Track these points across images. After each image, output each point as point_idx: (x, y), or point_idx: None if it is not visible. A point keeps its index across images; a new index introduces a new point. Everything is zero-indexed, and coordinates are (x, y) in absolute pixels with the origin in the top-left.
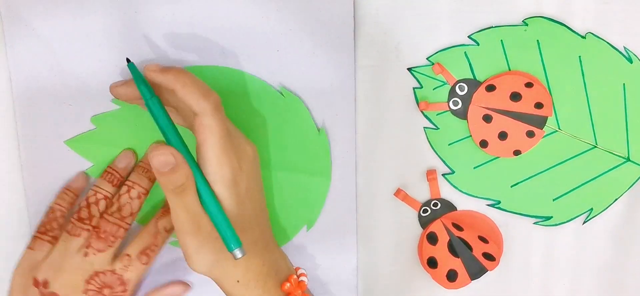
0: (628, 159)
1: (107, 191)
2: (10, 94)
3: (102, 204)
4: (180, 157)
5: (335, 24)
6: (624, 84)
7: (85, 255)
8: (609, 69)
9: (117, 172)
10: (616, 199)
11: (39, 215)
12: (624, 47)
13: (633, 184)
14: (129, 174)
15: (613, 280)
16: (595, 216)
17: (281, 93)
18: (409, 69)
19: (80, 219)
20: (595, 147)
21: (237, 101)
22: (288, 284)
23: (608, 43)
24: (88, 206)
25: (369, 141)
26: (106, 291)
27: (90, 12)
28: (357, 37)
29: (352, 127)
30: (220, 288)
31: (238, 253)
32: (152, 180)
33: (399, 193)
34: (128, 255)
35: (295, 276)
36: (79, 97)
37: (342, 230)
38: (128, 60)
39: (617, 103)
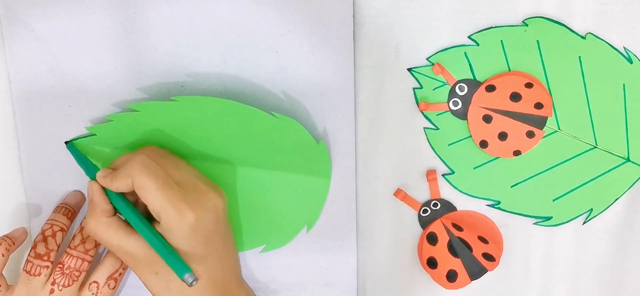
0: (628, 160)
1: (62, 223)
2: (10, 95)
3: (59, 236)
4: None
5: (334, 25)
6: (624, 84)
7: (51, 292)
8: (609, 69)
9: (70, 207)
10: (616, 200)
11: (39, 215)
12: (624, 48)
13: (633, 185)
14: (80, 210)
15: (613, 280)
16: (595, 216)
17: (274, 116)
18: (409, 70)
19: (38, 256)
20: (595, 147)
21: (231, 130)
22: None
23: (608, 43)
24: (45, 239)
25: (369, 142)
26: None
27: (90, 13)
28: (356, 38)
29: (352, 127)
30: None
31: (188, 278)
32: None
33: (398, 193)
34: (96, 282)
35: None
36: (78, 98)
37: (342, 231)
38: (66, 142)
39: (617, 103)
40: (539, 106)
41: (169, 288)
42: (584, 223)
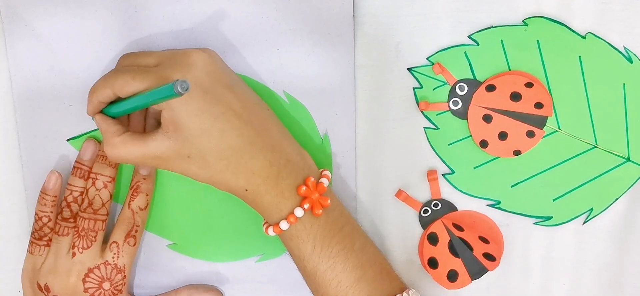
0: (628, 159)
1: (80, 187)
2: (10, 94)
3: (80, 200)
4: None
5: (335, 24)
6: (624, 84)
7: (73, 255)
8: (609, 69)
9: (84, 165)
10: (616, 199)
11: None
12: (624, 47)
13: (633, 184)
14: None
15: (613, 280)
16: (596, 216)
17: (286, 99)
18: (409, 69)
19: (64, 220)
20: (595, 147)
21: None
22: (304, 187)
23: (608, 43)
24: (68, 205)
25: (369, 141)
26: (106, 284)
27: (90, 12)
28: (356, 37)
29: (352, 127)
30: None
31: (178, 86)
32: (115, 167)
33: (400, 194)
34: (116, 242)
35: (312, 179)
36: (79, 97)
37: None
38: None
39: (617, 103)
40: (539, 105)
41: (208, 162)
42: (584, 222)
